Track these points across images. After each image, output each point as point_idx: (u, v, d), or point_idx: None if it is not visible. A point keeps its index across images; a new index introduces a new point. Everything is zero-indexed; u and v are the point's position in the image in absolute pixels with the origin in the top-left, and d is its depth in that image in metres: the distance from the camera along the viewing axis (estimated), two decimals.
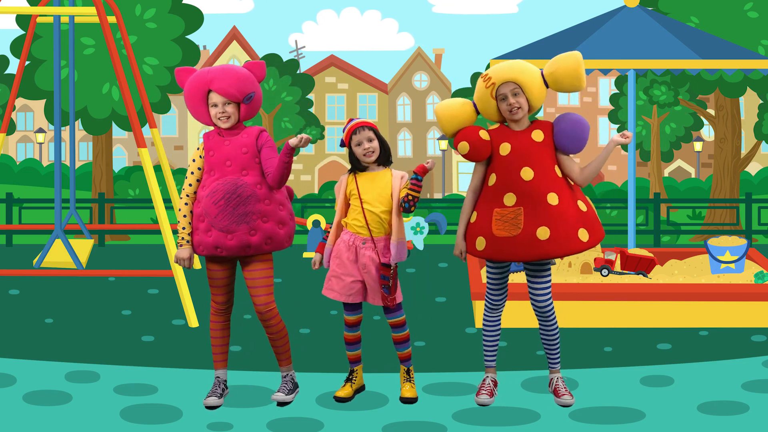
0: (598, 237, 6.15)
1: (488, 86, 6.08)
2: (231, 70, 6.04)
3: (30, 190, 38.41)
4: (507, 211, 6.07)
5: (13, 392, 6.57)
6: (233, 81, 6.00)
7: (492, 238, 6.11)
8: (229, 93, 6.00)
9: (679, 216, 27.95)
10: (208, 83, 6.01)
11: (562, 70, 6.06)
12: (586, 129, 6.08)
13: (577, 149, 6.10)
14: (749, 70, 9.96)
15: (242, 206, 5.97)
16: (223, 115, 6.02)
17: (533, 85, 6.06)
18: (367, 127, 6.19)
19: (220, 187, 5.99)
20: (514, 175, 6.06)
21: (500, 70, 6.08)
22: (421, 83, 52.36)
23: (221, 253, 6.04)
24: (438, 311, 9.43)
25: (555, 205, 6.03)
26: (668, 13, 17.87)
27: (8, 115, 10.90)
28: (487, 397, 6.30)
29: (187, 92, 6.09)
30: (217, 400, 6.20)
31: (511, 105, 6.05)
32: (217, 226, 5.99)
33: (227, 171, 6.01)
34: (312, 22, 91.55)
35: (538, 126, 6.14)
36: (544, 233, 6.01)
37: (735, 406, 6.25)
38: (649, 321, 8.65)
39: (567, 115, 6.13)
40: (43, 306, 9.68)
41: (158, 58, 17.71)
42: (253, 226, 5.99)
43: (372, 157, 6.18)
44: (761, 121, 24.55)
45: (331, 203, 17.79)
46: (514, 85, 6.05)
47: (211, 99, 6.03)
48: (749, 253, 10.47)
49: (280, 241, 6.09)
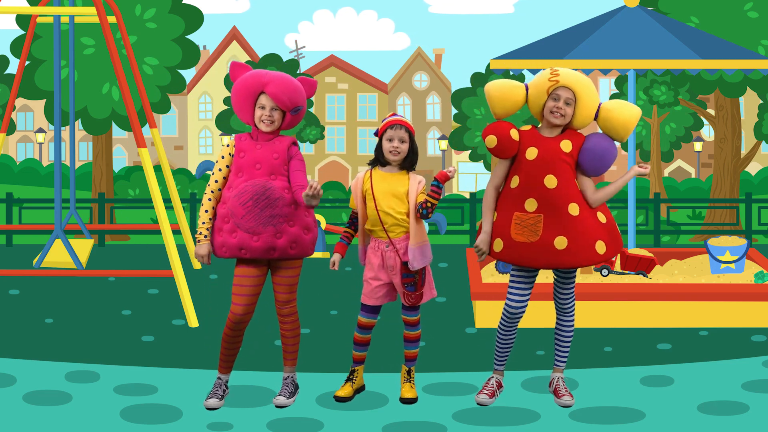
0: (615, 249, 6.14)
1: (551, 80, 6.05)
2: (288, 79, 6.09)
3: (30, 190, 38.42)
4: (527, 216, 6.07)
5: (13, 392, 6.57)
6: (288, 89, 6.04)
7: (510, 241, 6.10)
8: (281, 99, 6.02)
9: (679, 216, 27.94)
10: (263, 85, 6.04)
11: (620, 116, 6.05)
12: (611, 156, 6.06)
13: (597, 173, 6.09)
14: (749, 70, 9.96)
15: (270, 208, 5.97)
16: (269, 119, 6.04)
17: (587, 107, 6.06)
18: (404, 127, 6.19)
19: (248, 188, 5.99)
20: (538, 181, 6.05)
21: (569, 75, 6.07)
22: (421, 83, 52.37)
23: (245, 255, 6.02)
24: (438, 311, 9.43)
25: (575, 215, 6.03)
26: (668, 13, 17.86)
27: (8, 115, 10.90)
28: (486, 397, 6.30)
29: (238, 87, 6.09)
30: (218, 401, 6.20)
31: (558, 108, 6.03)
32: (244, 227, 5.98)
33: (256, 174, 6.02)
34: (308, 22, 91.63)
35: (569, 136, 6.11)
36: (562, 243, 6.02)
37: (735, 406, 6.25)
38: (649, 321, 8.65)
39: (598, 137, 6.10)
40: (43, 306, 9.68)
41: (158, 58, 17.71)
42: (280, 229, 6.00)
43: (397, 156, 6.18)
44: (761, 121, 24.54)
45: (332, 203, 17.78)
46: (573, 95, 6.04)
47: (261, 101, 6.05)
48: (749, 253, 10.47)
49: (305, 246, 6.11)
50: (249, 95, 6.07)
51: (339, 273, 11.67)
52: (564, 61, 9.46)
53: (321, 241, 13.47)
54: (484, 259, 6.30)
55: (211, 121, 52.91)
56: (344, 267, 12.10)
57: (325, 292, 10.47)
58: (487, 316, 8.55)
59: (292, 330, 6.29)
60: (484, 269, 10.13)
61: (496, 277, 9.68)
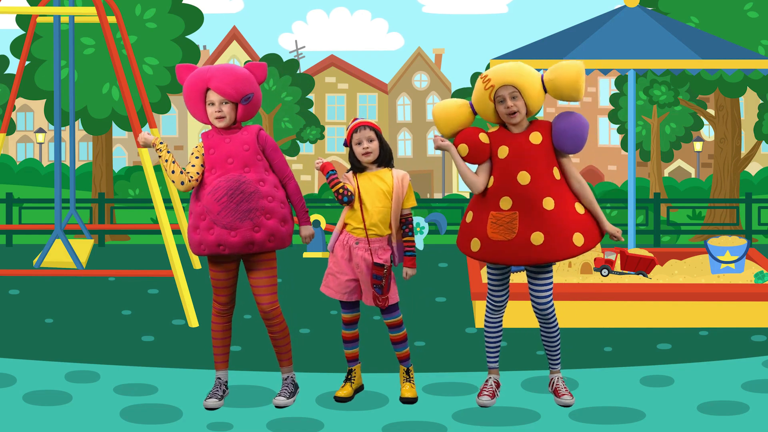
0: (594, 240, 6.13)
1: (487, 88, 6.06)
2: (230, 70, 6.01)
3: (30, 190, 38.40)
4: (503, 215, 6.07)
5: (13, 392, 6.57)
6: (232, 81, 5.98)
7: (487, 240, 6.11)
8: (227, 92, 5.97)
9: (679, 216, 27.94)
10: (206, 81, 5.99)
11: (562, 78, 6.03)
12: (585, 128, 6.06)
13: (576, 149, 6.07)
14: (749, 70, 9.96)
15: (246, 202, 5.95)
16: (219, 113, 6.00)
17: (532, 89, 6.04)
18: (368, 127, 6.20)
19: (222, 184, 5.96)
20: (511, 178, 6.05)
21: (499, 73, 6.06)
22: (421, 83, 52.36)
23: (224, 251, 5.99)
24: (438, 311, 9.43)
25: (550, 210, 6.03)
26: (668, 13, 17.86)
27: (8, 115, 10.90)
28: (488, 398, 6.30)
29: (186, 89, 6.07)
30: (218, 401, 6.20)
31: (509, 108, 6.03)
32: (220, 223, 5.95)
33: (229, 168, 5.99)
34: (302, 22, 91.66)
35: (536, 127, 6.12)
36: (538, 238, 6.02)
37: (735, 406, 6.25)
38: (649, 321, 8.65)
39: (566, 114, 6.09)
40: (43, 306, 9.68)
41: (158, 58, 17.71)
42: (257, 222, 5.96)
43: (370, 157, 6.18)
44: (761, 121, 24.54)
45: (332, 203, 17.79)
46: (513, 89, 6.03)
47: (209, 97, 6.01)
48: (749, 253, 10.47)
49: (282, 239, 6.07)
50: (197, 94, 6.03)
51: None
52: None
53: (321, 241, 13.46)
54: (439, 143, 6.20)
55: None
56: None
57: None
58: None
59: (281, 331, 6.27)
60: (484, 269, 10.13)
61: None
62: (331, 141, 50.86)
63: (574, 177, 6.14)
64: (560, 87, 6.04)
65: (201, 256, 6.15)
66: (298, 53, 48.48)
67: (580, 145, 6.08)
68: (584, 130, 6.06)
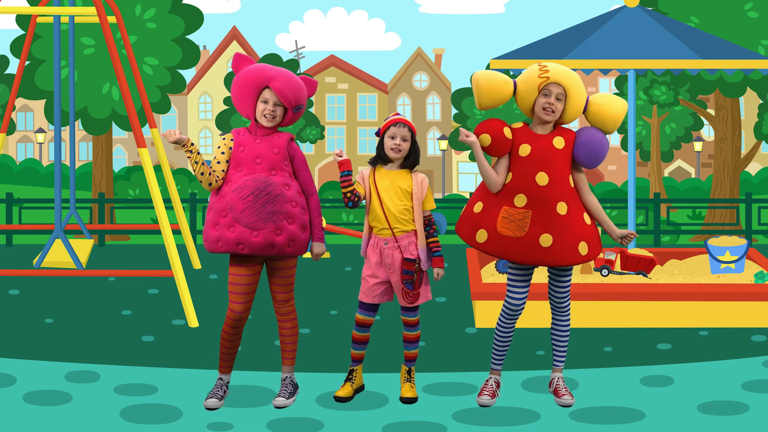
0: (596, 251, 6.21)
1: (542, 77, 6.05)
2: (292, 76, 6.07)
3: (30, 190, 38.42)
4: (515, 211, 6.08)
5: (13, 392, 6.57)
6: (292, 86, 6.02)
7: (495, 234, 6.11)
8: (286, 96, 6.00)
9: (679, 216, 27.94)
10: (268, 79, 6.01)
11: (609, 110, 6.11)
12: (605, 148, 6.14)
13: (592, 165, 6.17)
14: (749, 70, 9.97)
15: (271, 204, 5.94)
16: (271, 113, 6.01)
17: (577, 101, 6.08)
18: (407, 126, 6.21)
19: (249, 183, 5.95)
20: (530, 177, 6.06)
21: (559, 70, 6.08)
22: (421, 83, 52.37)
23: (243, 251, 5.96)
24: (438, 311, 9.43)
25: (563, 214, 6.05)
26: (668, 13, 17.86)
27: (8, 115, 10.90)
28: (488, 398, 6.30)
29: (242, 80, 6.03)
30: (218, 401, 6.19)
31: (550, 104, 6.04)
32: (243, 222, 5.94)
33: (257, 168, 5.99)
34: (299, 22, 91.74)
35: (560, 133, 6.14)
36: (547, 240, 6.03)
37: (735, 406, 6.25)
38: (649, 321, 8.64)
39: (592, 129, 6.15)
40: (43, 306, 9.68)
41: (158, 58, 17.70)
42: (280, 225, 5.96)
43: (399, 154, 6.19)
44: (761, 121, 24.54)
45: (332, 203, 17.78)
46: (563, 91, 6.05)
47: (264, 95, 6.02)
48: (749, 253, 10.47)
49: (301, 245, 6.10)
50: (253, 88, 6.02)
51: (339, 273, 11.68)
52: (564, 61, 9.46)
53: None
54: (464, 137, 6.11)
55: (211, 121, 52.91)
56: (344, 266, 12.11)
57: (325, 292, 10.47)
58: (487, 316, 8.54)
59: (291, 328, 6.29)
60: (484, 269, 10.13)
61: (496, 277, 9.68)
62: (331, 141, 50.89)
63: (586, 189, 6.21)
64: (604, 116, 6.12)
65: (216, 253, 6.12)
66: (298, 53, 48.49)
67: (597, 162, 6.16)
68: (605, 149, 6.14)
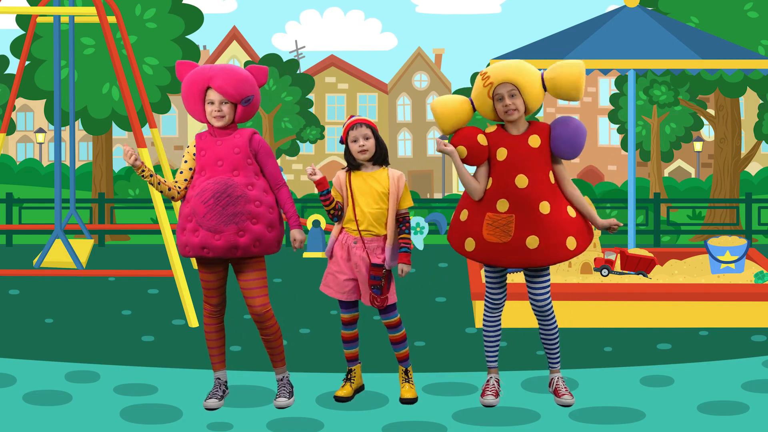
0: (585, 242, 6.16)
1: (486, 85, 6.04)
2: (232, 70, 5.98)
3: (30, 190, 38.40)
4: (499, 217, 6.07)
5: (13, 392, 6.56)
6: (233, 81, 5.95)
7: (482, 241, 6.10)
8: (228, 92, 5.95)
9: (679, 216, 27.94)
10: (208, 80, 5.96)
11: (563, 77, 6.02)
12: (583, 134, 6.07)
13: (573, 155, 6.09)
14: (749, 70, 9.96)
15: (232, 206, 5.90)
16: (219, 113, 5.97)
17: (532, 87, 6.03)
18: (365, 124, 6.17)
19: (209, 186, 5.92)
20: (509, 181, 6.05)
21: (499, 70, 6.04)
22: (421, 83, 52.36)
23: (208, 254, 5.95)
24: (438, 311, 9.43)
25: (546, 214, 6.03)
26: (668, 13, 17.87)
27: (8, 115, 10.90)
28: (492, 397, 6.30)
29: (185, 86, 6.03)
30: (218, 402, 6.19)
31: (507, 106, 6.02)
32: (205, 225, 5.91)
33: (218, 171, 5.95)
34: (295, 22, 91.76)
35: (535, 130, 6.11)
36: (534, 242, 6.02)
37: (735, 406, 6.25)
38: (649, 321, 8.64)
39: (565, 119, 6.09)
40: (43, 306, 9.68)
41: (158, 58, 17.71)
42: (242, 227, 5.91)
43: (366, 155, 6.16)
44: (761, 121, 24.54)
45: None
46: (512, 86, 6.01)
47: (209, 96, 5.98)
48: (749, 253, 10.47)
49: (269, 244, 6.02)
50: (197, 92, 5.99)
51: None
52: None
53: (321, 241, 13.47)
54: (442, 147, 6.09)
55: None
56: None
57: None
58: None
59: (273, 333, 6.23)
60: (484, 269, 10.12)
61: None
62: (331, 141, 50.87)
63: (567, 181, 6.16)
64: (560, 86, 6.03)
65: (186, 257, 6.14)
66: (298, 53, 48.48)
67: (578, 152, 6.09)
68: (582, 136, 6.06)
